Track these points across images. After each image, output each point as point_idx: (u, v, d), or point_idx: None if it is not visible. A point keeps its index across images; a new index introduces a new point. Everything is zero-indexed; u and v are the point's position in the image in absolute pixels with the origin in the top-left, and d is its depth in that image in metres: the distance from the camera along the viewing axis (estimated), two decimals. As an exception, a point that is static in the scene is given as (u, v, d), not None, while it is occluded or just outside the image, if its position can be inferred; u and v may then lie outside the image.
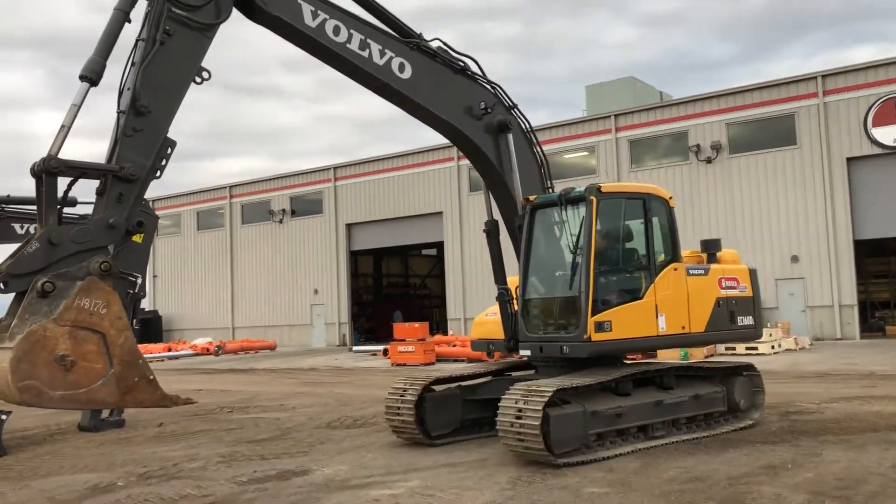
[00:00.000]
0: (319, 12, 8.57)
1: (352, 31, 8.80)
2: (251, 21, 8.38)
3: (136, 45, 7.45)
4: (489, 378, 10.59)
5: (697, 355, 22.61)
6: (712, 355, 23.49)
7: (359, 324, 42.54)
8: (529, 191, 10.08)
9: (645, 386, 9.85)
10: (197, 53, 7.73)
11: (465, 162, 38.32)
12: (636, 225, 9.89)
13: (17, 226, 12.88)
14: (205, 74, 7.81)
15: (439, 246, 41.06)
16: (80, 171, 7.01)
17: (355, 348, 36.31)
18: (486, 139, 9.95)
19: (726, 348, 24.29)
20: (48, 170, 6.72)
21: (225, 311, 45.16)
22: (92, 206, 7.24)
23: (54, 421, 14.26)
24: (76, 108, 7.08)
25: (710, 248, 10.98)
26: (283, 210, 43.05)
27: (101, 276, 6.82)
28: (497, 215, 10.47)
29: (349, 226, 41.10)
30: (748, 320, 10.79)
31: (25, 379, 6.32)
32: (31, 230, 12.71)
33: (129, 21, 7.45)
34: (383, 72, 9.08)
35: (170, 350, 37.67)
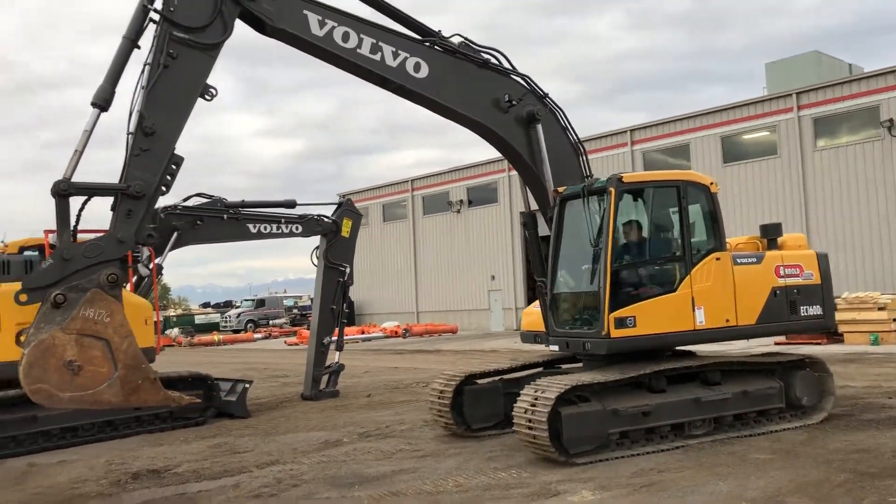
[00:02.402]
0: (327, 21, 8.82)
1: (362, 35, 9.00)
2: (261, 34, 8.86)
3: (143, 69, 7.97)
4: (532, 371, 10.54)
5: (889, 339, 20.81)
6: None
7: (535, 309, 42.67)
8: (565, 181, 9.89)
9: (689, 382, 9.41)
10: (201, 72, 8.15)
11: (640, 147, 37.33)
12: (670, 214, 9.45)
13: (250, 226, 14.60)
14: (212, 91, 8.29)
15: (616, 231, 40.18)
16: (90, 191, 7.60)
17: (531, 333, 36.48)
18: (515, 132, 9.84)
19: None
20: (59, 192, 7.34)
21: (409, 297, 47.05)
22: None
23: (281, 392, 16.71)
24: (88, 134, 7.67)
25: (770, 234, 10.24)
26: (461, 201, 44.05)
27: (109, 288, 7.36)
28: (535, 207, 10.38)
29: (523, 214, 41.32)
30: (815, 310, 9.97)
31: (36, 383, 7.02)
32: (262, 229, 14.68)
33: (139, 47, 8.04)
34: (397, 73, 9.21)
35: (363, 332, 40.02)
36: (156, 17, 8.08)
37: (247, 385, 13.52)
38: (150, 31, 8.14)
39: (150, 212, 7.98)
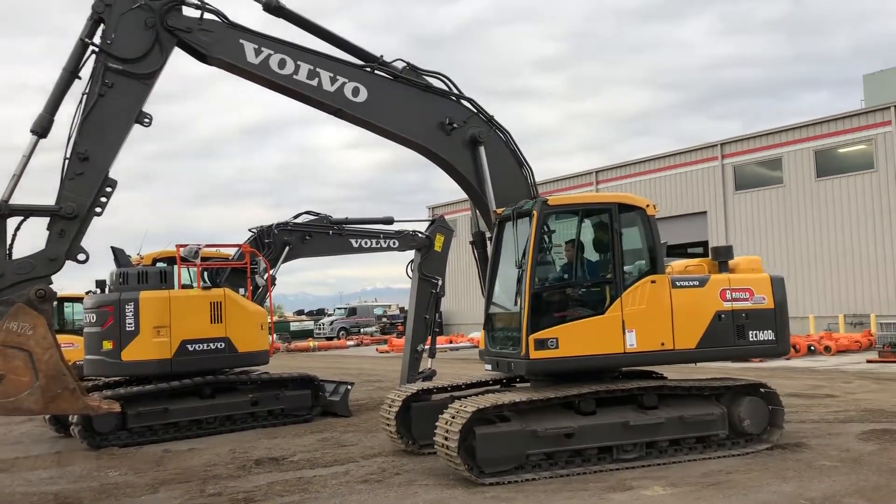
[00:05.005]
0: (263, 49, 9.20)
1: (299, 62, 9.34)
2: (202, 63, 9.37)
3: (81, 99, 8.48)
4: (486, 389, 10.56)
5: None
6: None
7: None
8: (509, 201, 9.93)
9: (624, 405, 9.26)
10: (136, 101, 8.62)
11: (731, 160, 36.16)
12: (601, 237, 9.34)
13: (353, 241, 15.62)
14: (148, 117, 8.68)
15: (704, 245, 39.11)
16: (26, 212, 8.10)
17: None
18: (459, 154, 9.97)
19: None
20: None
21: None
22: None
23: (377, 394, 17.45)
24: (26, 159, 8.23)
25: (720, 256, 9.96)
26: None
27: (38, 302, 7.79)
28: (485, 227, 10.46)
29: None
30: (766, 335, 9.67)
31: None
32: (363, 244, 15.70)
33: (80, 77, 8.64)
34: (335, 98, 9.50)
35: (451, 342, 40.44)
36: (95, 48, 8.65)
37: (349, 387, 14.77)
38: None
39: (83, 231, 8.43)
